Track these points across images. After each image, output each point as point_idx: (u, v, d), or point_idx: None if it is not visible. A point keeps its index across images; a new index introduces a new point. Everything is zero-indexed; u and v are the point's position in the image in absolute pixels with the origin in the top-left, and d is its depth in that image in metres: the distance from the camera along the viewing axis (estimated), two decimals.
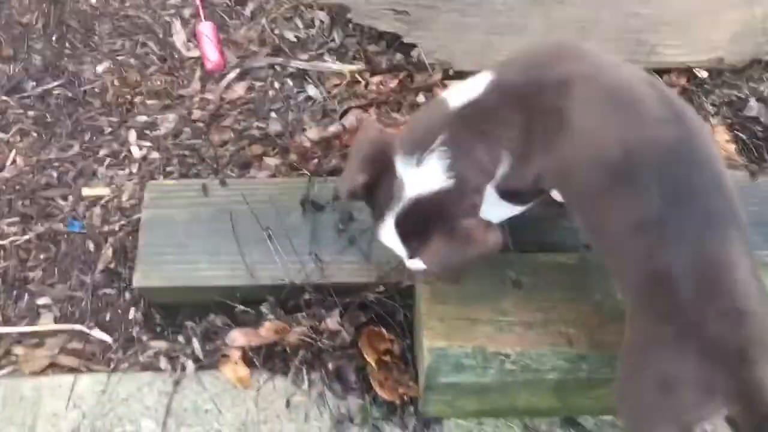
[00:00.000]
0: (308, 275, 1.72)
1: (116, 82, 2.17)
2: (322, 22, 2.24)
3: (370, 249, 1.74)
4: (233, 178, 1.92)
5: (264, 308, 1.78)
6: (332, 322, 1.73)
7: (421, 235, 1.43)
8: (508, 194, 1.56)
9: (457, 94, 1.44)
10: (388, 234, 1.46)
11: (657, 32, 2.08)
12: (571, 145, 1.35)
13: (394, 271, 1.71)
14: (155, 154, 2.06)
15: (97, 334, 1.78)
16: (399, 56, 2.12)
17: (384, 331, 1.73)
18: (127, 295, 1.83)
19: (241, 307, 1.77)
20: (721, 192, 1.28)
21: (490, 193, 1.57)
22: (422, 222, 1.42)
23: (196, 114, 2.11)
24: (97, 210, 1.97)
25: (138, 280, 1.73)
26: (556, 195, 1.74)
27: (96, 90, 2.17)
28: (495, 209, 1.61)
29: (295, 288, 1.73)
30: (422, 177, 1.40)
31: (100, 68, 2.21)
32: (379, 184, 1.44)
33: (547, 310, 1.55)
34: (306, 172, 1.93)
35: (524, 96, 1.39)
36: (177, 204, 1.82)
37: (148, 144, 2.08)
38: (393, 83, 2.10)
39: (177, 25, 2.28)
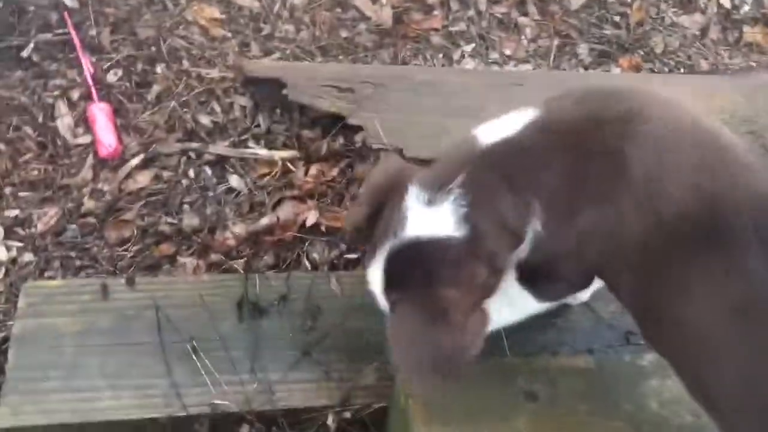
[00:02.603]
0: (249, 399, 1.29)
1: None
2: (243, 107, 1.93)
3: (330, 361, 1.35)
4: (142, 276, 1.48)
5: None
6: None
7: (402, 288, 1.11)
8: (536, 279, 1.23)
9: (491, 130, 1.14)
10: (374, 277, 1.13)
11: None
12: (629, 194, 1.05)
13: (361, 389, 1.33)
14: (28, 256, 1.60)
15: None
16: (340, 142, 1.83)
17: None
18: None
19: None
20: None
21: (508, 285, 1.25)
22: (409, 273, 1.10)
23: (87, 207, 1.68)
24: None
25: (5, 419, 1.22)
26: None
27: None
28: (511, 306, 1.29)
29: (230, 418, 1.29)
30: (429, 219, 1.10)
31: None
32: (382, 217, 1.14)
33: (573, 427, 1.22)
34: (239, 269, 1.53)
35: (576, 133, 1.09)
36: (65, 311, 1.35)
37: (19, 244, 1.62)
38: (333, 172, 1.79)
39: (62, 107, 1.89)
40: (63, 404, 1.25)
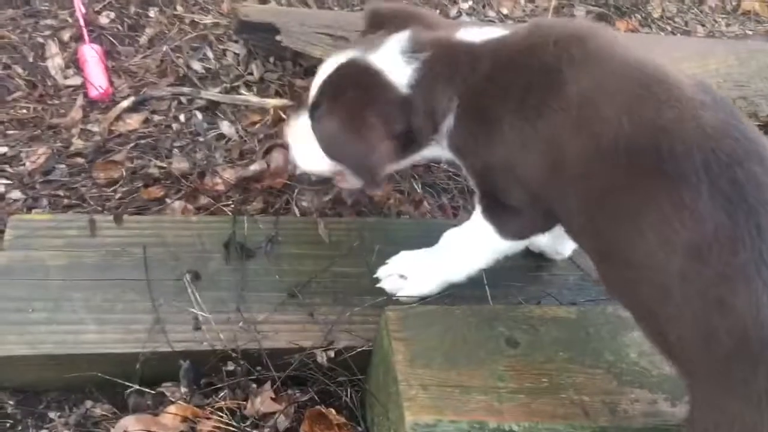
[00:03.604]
0: (235, 338, 1.30)
1: None
2: (236, 54, 1.91)
3: (315, 304, 1.36)
4: (131, 215, 1.48)
5: (166, 389, 1.32)
6: (264, 401, 1.30)
7: (336, 97, 1.23)
8: (495, 212, 1.25)
9: (471, 32, 1.23)
10: (323, 70, 1.27)
11: None
12: (564, 112, 1.07)
13: (345, 331, 1.34)
14: (16, 193, 1.59)
15: None
16: None
17: (333, 412, 1.32)
18: None
19: (135, 387, 1.30)
20: None
21: (477, 225, 1.28)
22: (352, 90, 1.22)
23: (76, 147, 1.67)
24: None
25: None
26: (537, 246, 1.48)
27: None
28: (479, 247, 1.31)
29: (215, 355, 1.29)
30: (394, 63, 1.20)
31: None
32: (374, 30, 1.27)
33: (553, 374, 1.23)
34: (228, 213, 1.53)
35: (518, 51, 1.16)
36: (52, 245, 1.35)
37: (7, 181, 1.61)
38: None
39: (52, 47, 1.87)
40: (48, 336, 1.25)
